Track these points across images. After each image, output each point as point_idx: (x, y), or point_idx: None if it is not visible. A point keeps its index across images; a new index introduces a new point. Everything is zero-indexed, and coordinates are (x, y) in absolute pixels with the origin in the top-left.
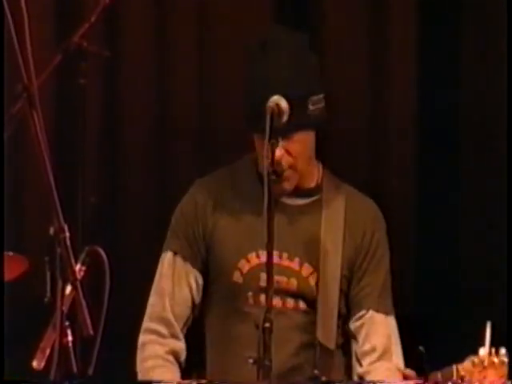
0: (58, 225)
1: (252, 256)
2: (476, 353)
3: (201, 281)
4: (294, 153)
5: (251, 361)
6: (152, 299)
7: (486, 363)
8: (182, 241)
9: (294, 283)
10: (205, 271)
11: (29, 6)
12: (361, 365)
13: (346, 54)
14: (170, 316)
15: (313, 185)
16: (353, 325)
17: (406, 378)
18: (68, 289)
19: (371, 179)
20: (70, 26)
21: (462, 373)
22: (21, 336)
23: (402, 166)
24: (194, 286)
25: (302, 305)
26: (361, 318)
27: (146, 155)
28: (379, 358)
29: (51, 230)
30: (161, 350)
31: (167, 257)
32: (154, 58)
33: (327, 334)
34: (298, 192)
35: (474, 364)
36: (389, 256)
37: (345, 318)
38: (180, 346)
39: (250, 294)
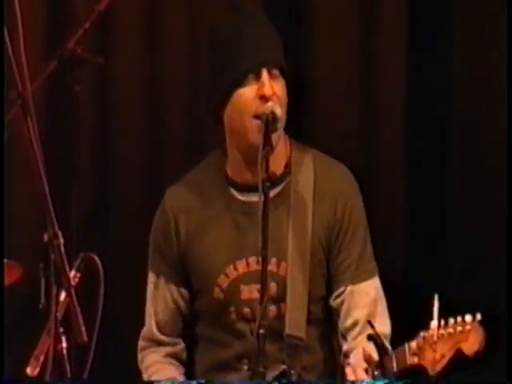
0: (53, 231)
1: (230, 269)
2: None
3: (187, 294)
4: (280, 94)
5: (245, 367)
6: (145, 319)
7: (435, 337)
8: (161, 261)
9: (273, 288)
10: (189, 284)
11: (23, 13)
12: (346, 340)
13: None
14: (159, 336)
15: (281, 170)
16: (333, 302)
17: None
18: (62, 295)
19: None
20: (64, 32)
21: (415, 350)
22: (15, 342)
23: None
24: (181, 302)
25: (283, 309)
26: (340, 295)
27: (141, 162)
28: (362, 331)
29: (45, 237)
30: (158, 355)
31: (151, 279)
32: (147, 64)
33: (297, 325)
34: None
35: (424, 339)
36: (365, 217)
37: (325, 299)
38: (178, 348)
39: (233, 308)
